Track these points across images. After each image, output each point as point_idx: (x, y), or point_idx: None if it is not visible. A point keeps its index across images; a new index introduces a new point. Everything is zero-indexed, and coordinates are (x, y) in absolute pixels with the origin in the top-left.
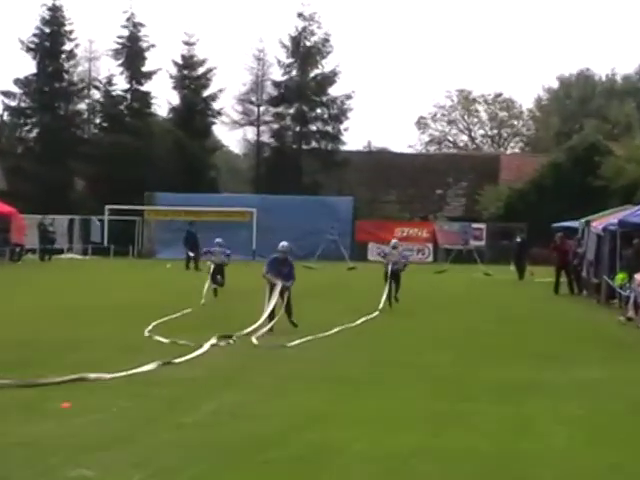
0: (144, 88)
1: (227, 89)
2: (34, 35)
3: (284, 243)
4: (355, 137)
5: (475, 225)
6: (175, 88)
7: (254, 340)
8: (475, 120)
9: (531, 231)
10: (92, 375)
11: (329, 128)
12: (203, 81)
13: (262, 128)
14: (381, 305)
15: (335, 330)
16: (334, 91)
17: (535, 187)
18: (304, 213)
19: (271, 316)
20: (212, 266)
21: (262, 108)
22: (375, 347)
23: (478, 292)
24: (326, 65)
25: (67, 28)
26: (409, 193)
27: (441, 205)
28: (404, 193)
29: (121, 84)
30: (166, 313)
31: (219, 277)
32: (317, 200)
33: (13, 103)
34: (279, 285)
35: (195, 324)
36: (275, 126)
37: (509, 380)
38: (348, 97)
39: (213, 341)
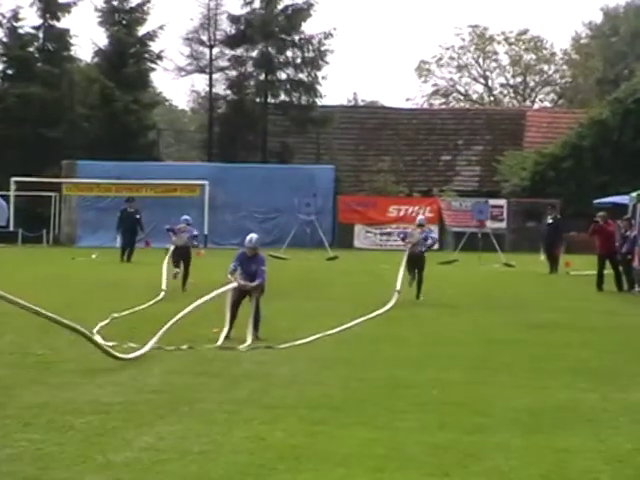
0: (61, 24)
1: (170, 25)
2: None
3: (253, 236)
4: (337, 88)
5: (493, 202)
6: (102, 24)
7: (241, 346)
8: (493, 65)
9: (566, 209)
10: None
11: (303, 76)
12: (138, 15)
13: (215, 76)
14: (392, 303)
15: (309, 339)
16: (309, 28)
17: (571, 152)
18: (271, 187)
19: (231, 321)
20: (171, 247)
21: (216, 50)
22: (362, 361)
23: (497, 289)
24: None
25: None
26: (407, 160)
27: (449, 176)
28: (401, 160)
29: (31, 19)
30: (93, 319)
31: (181, 264)
32: (288, 170)
33: None
34: (233, 284)
35: (135, 328)
36: (233, 73)
37: (538, 404)
38: (327, 36)
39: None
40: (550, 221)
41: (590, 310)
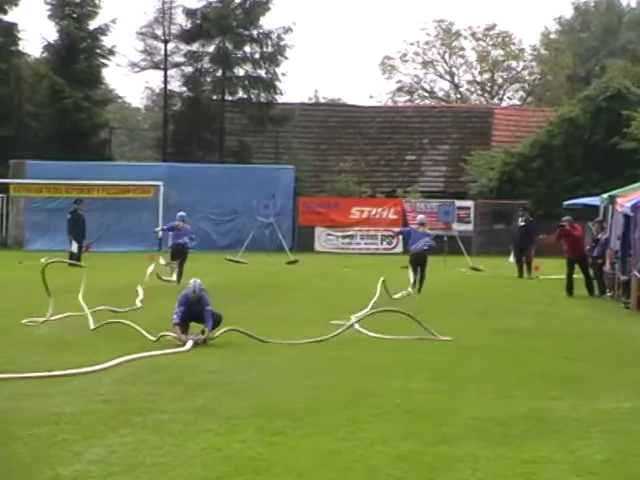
0: (8, 18)
1: (123, 19)
2: None
3: (197, 283)
4: (297, 85)
5: (460, 203)
6: (51, 17)
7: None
8: (460, 61)
9: (536, 211)
10: None
11: (261, 72)
12: (89, 8)
13: (170, 72)
14: (399, 294)
15: (269, 346)
16: (268, 23)
17: (541, 151)
18: (228, 187)
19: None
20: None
21: (170, 45)
22: (326, 368)
23: (464, 294)
24: None
25: None
26: (370, 160)
27: (414, 176)
28: (363, 160)
29: None
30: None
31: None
32: (246, 170)
33: None
34: (189, 344)
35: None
36: (188, 69)
37: (506, 414)
38: (287, 30)
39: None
40: (522, 223)
41: (559, 315)
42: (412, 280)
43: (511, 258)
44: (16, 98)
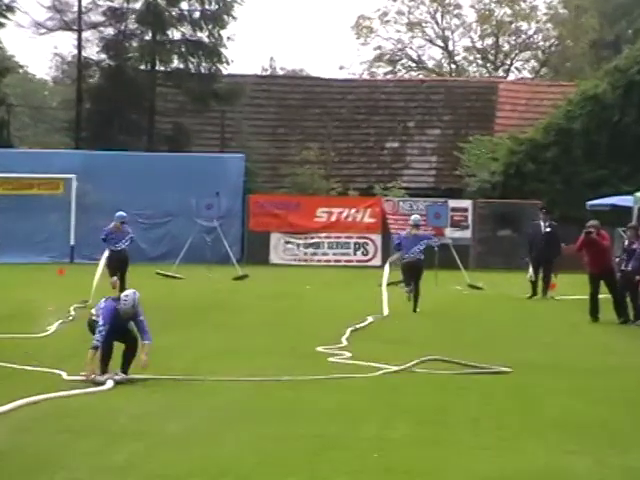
0: None
1: None
2: None
3: (135, 295)
4: (249, 52)
5: (454, 203)
6: None
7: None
8: (455, 22)
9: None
10: None
11: (203, 36)
12: None
13: (86, 35)
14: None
15: (206, 382)
16: None
17: (557, 138)
18: (160, 182)
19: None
20: (105, 253)
21: (86, 1)
22: (279, 415)
23: (459, 319)
24: None
25: None
26: (341, 148)
27: (396, 169)
28: (332, 148)
29: None
30: None
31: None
32: (182, 160)
33: None
34: (108, 383)
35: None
36: (109, 32)
37: (512, 472)
38: None
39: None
40: (548, 229)
41: (580, 346)
42: (407, 292)
43: (531, 272)
44: None
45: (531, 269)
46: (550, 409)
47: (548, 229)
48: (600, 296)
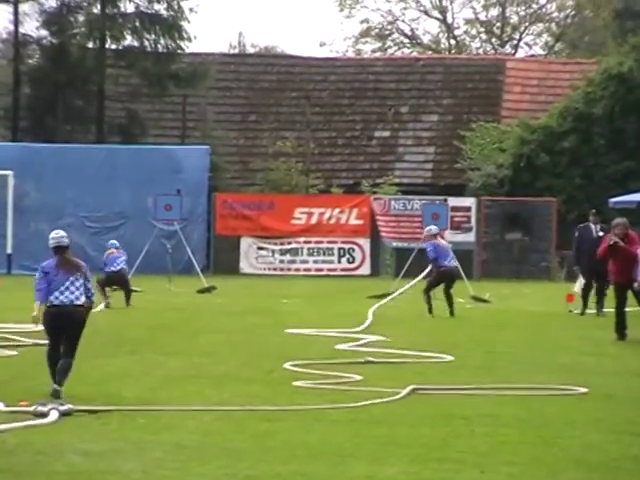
0: None
1: None
2: None
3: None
4: (214, 27)
5: (455, 202)
6: None
7: None
8: None
9: (568, 213)
10: None
11: (160, 8)
12: None
13: (24, 8)
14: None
15: (166, 413)
16: None
17: (575, 124)
18: (111, 179)
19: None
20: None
21: None
22: (250, 451)
23: (461, 337)
24: None
25: None
26: (322, 138)
27: (387, 162)
28: (312, 138)
29: None
30: None
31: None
32: (137, 153)
33: None
34: (52, 415)
35: None
36: (50, 4)
37: None
38: None
39: None
40: (600, 233)
41: (605, 369)
42: (428, 306)
43: (579, 284)
44: None
45: (581, 279)
46: (569, 443)
47: (601, 233)
48: (628, 309)
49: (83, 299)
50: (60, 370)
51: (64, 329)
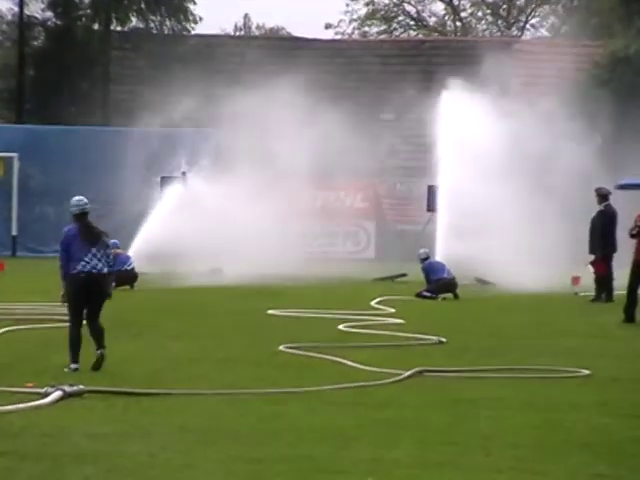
0: None
1: None
2: None
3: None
4: (220, 8)
5: None
6: None
7: None
8: None
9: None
10: None
11: None
12: None
13: None
14: None
15: (171, 396)
16: None
17: (584, 105)
18: (118, 161)
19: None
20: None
21: None
22: (256, 434)
23: (467, 320)
24: None
25: None
26: (325, 121)
27: (393, 145)
28: (316, 121)
29: None
30: None
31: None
32: (141, 135)
33: None
34: (54, 394)
35: None
36: None
37: None
38: None
39: None
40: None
41: (611, 353)
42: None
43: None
44: None
45: (590, 267)
46: (573, 426)
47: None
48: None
49: (106, 269)
50: (96, 335)
51: (91, 295)
